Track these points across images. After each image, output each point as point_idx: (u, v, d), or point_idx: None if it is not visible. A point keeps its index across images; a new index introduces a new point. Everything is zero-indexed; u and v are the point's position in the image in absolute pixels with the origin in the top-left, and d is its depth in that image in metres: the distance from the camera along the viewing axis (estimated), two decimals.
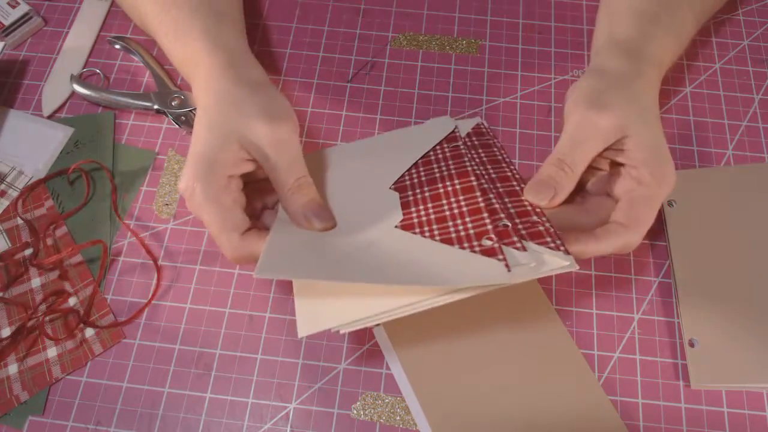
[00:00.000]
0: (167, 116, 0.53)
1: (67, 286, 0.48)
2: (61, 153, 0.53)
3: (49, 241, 0.49)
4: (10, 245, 0.49)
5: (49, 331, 0.46)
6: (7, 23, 0.57)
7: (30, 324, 0.46)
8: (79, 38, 0.59)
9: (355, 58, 0.58)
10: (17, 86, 0.56)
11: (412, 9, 0.61)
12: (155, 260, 0.49)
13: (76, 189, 0.52)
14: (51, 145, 0.53)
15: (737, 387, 0.44)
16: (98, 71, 0.57)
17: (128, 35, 0.59)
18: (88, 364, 0.45)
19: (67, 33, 0.59)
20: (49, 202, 0.51)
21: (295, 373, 0.45)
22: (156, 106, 0.53)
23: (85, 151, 0.53)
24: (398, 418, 0.44)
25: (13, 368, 0.45)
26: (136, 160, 0.53)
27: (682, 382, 0.45)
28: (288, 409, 0.44)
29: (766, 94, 0.56)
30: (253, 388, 0.45)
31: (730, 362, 0.44)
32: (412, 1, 0.61)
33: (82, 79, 0.56)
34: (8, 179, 0.52)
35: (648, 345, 0.46)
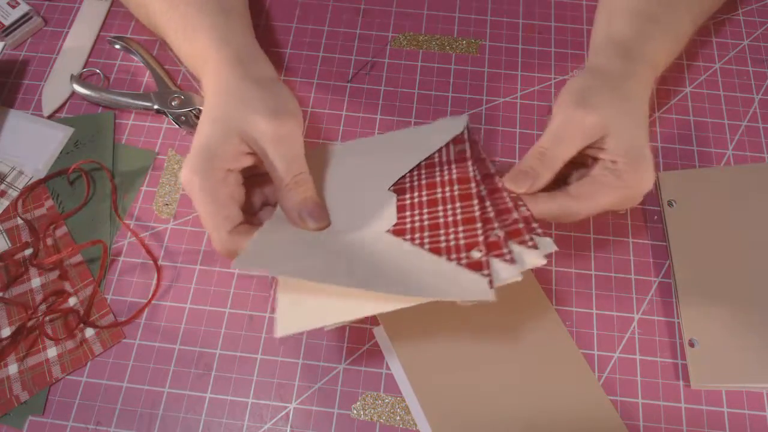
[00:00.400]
0: (167, 116, 0.53)
1: (67, 286, 0.48)
2: (61, 153, 0.53)
3: (49, 241, 0.49)
4: (10, 245, 0.49)
5: (49, 331, 0.46)
6: (7, 23, 0.57)
7: (30, 324, 0.46)
8: (79, 38, 0.59)
9: (355, 58, 0.58)
10: (17, 86, 0.56)
11: (412, 9, 0.61)
12: (155, 260, 0.49)
13: (76, 189, 0.52)
14: (51, 145, 0.53)
15: (737, 387, 0.44)
16: (98, 71, 0.57)
17: (128, 35, 0.59)
18: (88, 364, 0.45)
19: (67, 33, 0.59)
20: (49, 202, 0.51)
21: (295, 373, 0.45)
22: (156, 106, 0.53)
23: (85, 151, 0.53)
24: (398, 418, 0.44)
25: (13, 368, 0.45)
26: (136, 160, 0.53)
27: (682, 382, 0.45)
28: (288, 409, 0.44)
29: (766, 94, 0.56)
30: (253, 388, 0.45)
31: (730, 362, 0.44)
32: (412, 1, 0.61)
33: (82, 79, 0.56)
34: (8, 179, 0.52)
35: (648, 345, 0.46)
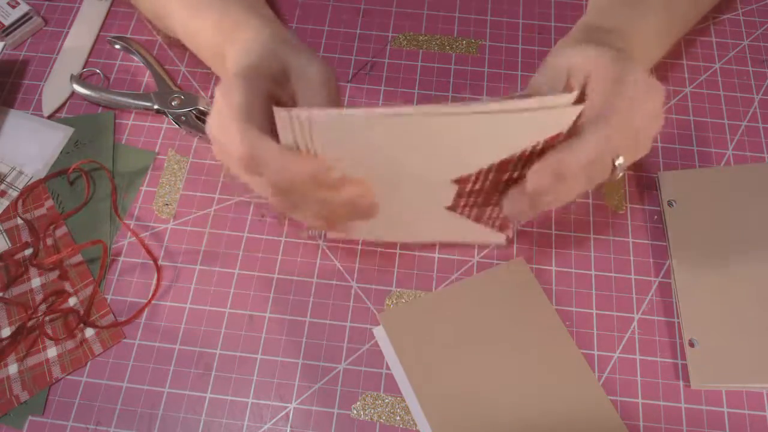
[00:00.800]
0: (167, 116, 0.53)
1: (67, 286, 0.48)
2: (61, 153, 0.53)
3: (49, 241, 0.49)
4: (10, 245, 0.49)
5: (49, 331, 0.46)
6: (7, 23, 0.57)
7: (30, 324, 0.46)
8: (79, 38, 0.58)
9: (355, 58, 0.58)
10: (17, 86, 0.56)
11: (412, 9, 0.61)
12: (155, 260, 0.49)
13: (76, 189, 0.52)
14: (51, 145, 0.53)
15: (737, 387, 0.44)
16: (98, 71, 0.57)
17: (128, 35, 0.59)
18: (88, 364, 0.45)
19: (67, 33, 0.59)
20: (49, 202, 0.51)
21: (295, 373, 0.45)
22: (156, 106, 0.53)
23: (85, 151, 0.53)
24: (398, 418, 0.44)
25: (13, 368, 0.45)
26: (136, 160, 0.53)
27: (682, 382, 0.45)
28: (288, 409, 0.44)
29: (766, 94, 0.56)
30: (253, 388, 0.45)
31: (731, 362, 0.44)
32: (412, 1, 0.61)
33: (82, 79, 0.56)
34: (8, 179, 0.52)
35: (648, 345, 0.46)
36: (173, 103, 0.53)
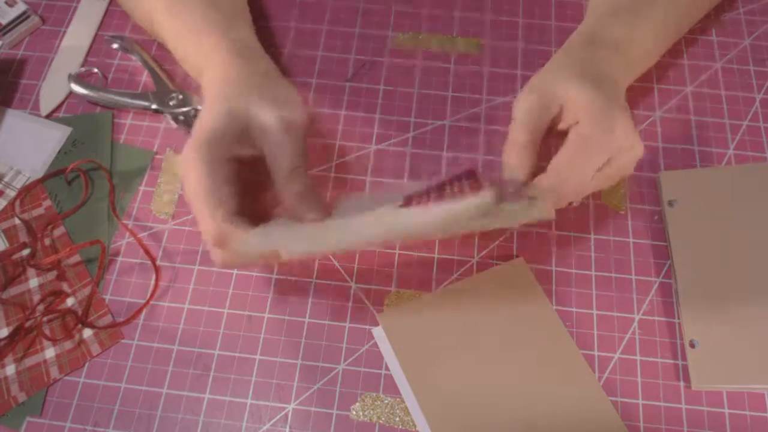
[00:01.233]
0: (165, 116, 0.53)
1: (65, 287, 0.47)
2: (59, 153, 0.53)
3: (47, 242, 0.49)
4: (7, 245, 0.49)
5: (47, 332, 0.46)
6: (4, 22, 0.57)
7: (28, 324, 0.46)
8: (77, 37, 0.58)
9: (354, 57, 0.58)
10: (15, 85, 0.56)
11: (411, 8, 0.61)
12: (153, 260, 0.49)
13: (74, 189, 0.51)
14: (49, 145, 0.53)
15: (738, 388, 0.44)
16: (96, 70, 0.57)
17: (126, 34, 0.58)
18: (86, 364, 0.45)
19: (65, 32, 0.59)
20: (47, 202, 0.51)
21: (294, 374, 0.45)
22: (154, 106, 0.53)
23: (83, 151, 0.53)
24: (397, 419, 0.43)
25: (10, 369, 0.45)
26: (134, 160, 0.53)
27: (682, 383, 0.44)
28: (287, 410, 0.44)
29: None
30: (251, 388, 0.45)
31: (731, 363, 0.44)
32: (411, 0, 0.61)
33: (80, 78, 0.55)
34: (6, 179, 0.51)
35: (648, 346, 0.46)
36: (171, 103, 0.53)
